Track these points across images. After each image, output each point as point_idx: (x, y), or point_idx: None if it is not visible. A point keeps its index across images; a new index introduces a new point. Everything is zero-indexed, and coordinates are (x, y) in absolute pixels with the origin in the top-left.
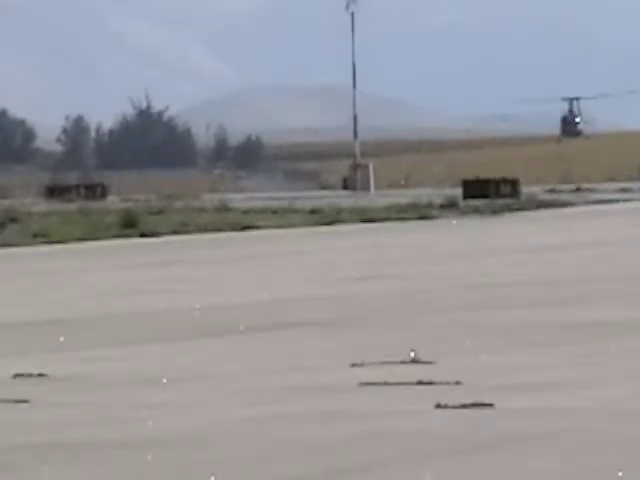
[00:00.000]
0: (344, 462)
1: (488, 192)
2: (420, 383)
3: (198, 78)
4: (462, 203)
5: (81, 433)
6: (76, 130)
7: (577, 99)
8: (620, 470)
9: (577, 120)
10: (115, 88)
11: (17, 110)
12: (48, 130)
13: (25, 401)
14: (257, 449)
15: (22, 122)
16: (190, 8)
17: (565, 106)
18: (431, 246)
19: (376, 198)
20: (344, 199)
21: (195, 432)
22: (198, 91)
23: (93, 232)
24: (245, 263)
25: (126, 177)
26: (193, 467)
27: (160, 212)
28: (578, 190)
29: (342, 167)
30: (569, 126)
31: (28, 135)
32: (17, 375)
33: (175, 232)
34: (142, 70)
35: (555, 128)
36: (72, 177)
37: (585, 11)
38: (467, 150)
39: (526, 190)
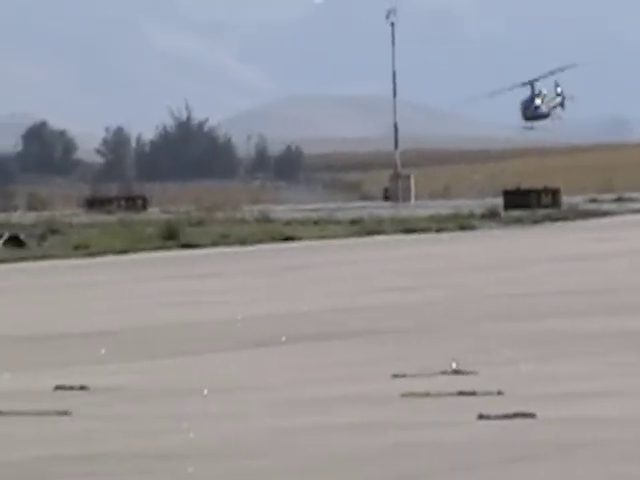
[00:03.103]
0: (386, 473)
1: (529, 202)
2: (462, 394)
3: (238, 88)
4: (503, 213)
5: (122, 445)
6: (116, 141)
7: (535, 80)
8: None
9: (537, 103)
10: (155, 99)
11: (57, 122)
12: (88, 141)
13: (66, 413)
14: (299, 460)
15: (62, 134)
16: (229, 18)
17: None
18: (472, 256)
19: (417, 209)
20: (385, 210)
21: (237, 443)
22: (238, 101)
23: (134, 244)
24: (286, 274)
25: (166, 188)
26: (235, 478)
27: (200, 223)
28: (619, 199)
29: (383, 177)
30: (528, 110)
31: (68, 147)
32: (59, 387)
33: (216, 243)
34: (182, 81)
35: (598, 137)
36: (112, 189)
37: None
38: (508, 159)
39: (567, 200)
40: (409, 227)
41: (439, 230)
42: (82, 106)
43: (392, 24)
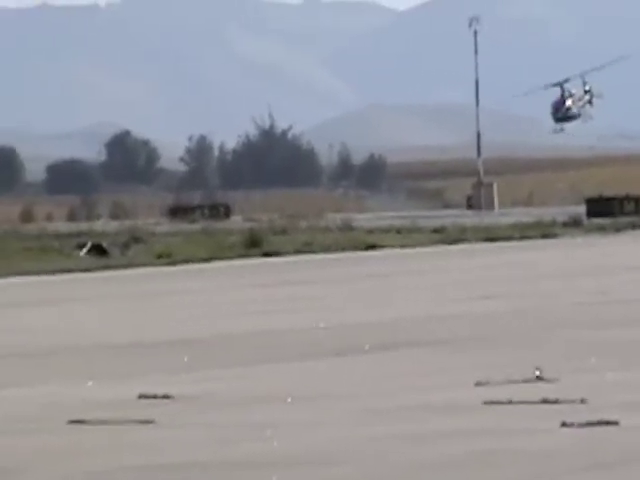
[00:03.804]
0: None
1: (612, 210)
2: (545, 401)
3: (321, 97)
4: (586, 221)
5: (206, 453)
6: (199, 150)
7: (566, 81)
8: None
9: (567, 104)
10: (239, 108)
11: (141, 131)
12: (172, 150)
13: (150, 422)
14: (383, 468)
15: (146, 143)
16: (312, 27)
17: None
18: (555, 264)
19: (500, 217)
20: (468, 218)
21: (320, 451)
22: (321, 110)
23: (217, 252)
24: (369, 282)
25: (250, 197)
26: None
27: (284, 232)
28: None
29: (465, 185)
30: (558, 112)
31: (152, 155)
32: (142, 396)
33: (299, 251)
34: (265, 90)
35: None
36: (195, 197)
37: None
38: (591, 168)
39: None
40: (492, 235)
41: (522, 238)
42: (166, 115)
43: (475, 32)
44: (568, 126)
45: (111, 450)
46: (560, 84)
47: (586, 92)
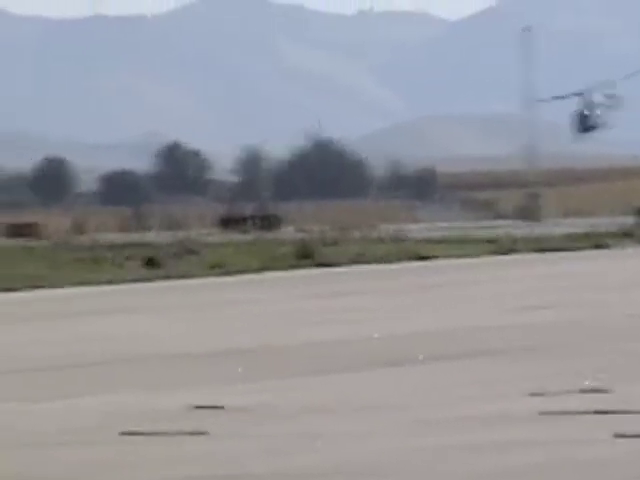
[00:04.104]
0: None
1: None
2: (598, 412)
3: (372, 107)
4: (637, 232)
5: (259, 465)
6: (251, 161)
7: (587, 91)
8: None
9: (586, 113)
10: (289, 118)
11: (192, 141)
12: (223, 161)
13: (203, 433)
14: (432, 479)
15: (196, 153)
16: (363, 38)
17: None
18: (606, 275)
19: (551, 227)
20: (520, 228)
21: (370, 462)
22: (372, 121)
23: (269, 263)
24: (422, 293)
25: (301, 207)
26: None
27: (335, 243)
28: None
29: (517, 196)
30: (581, 123)
31: (203, 166)
32: (195, 407)
33: (351, 262)
34: (316, 100)
35: None
36: (247, 208)
37: None
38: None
39: None
40: (543, 246)
41: (573, 249)
42: (216, 125)
43: (528, 43)
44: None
45: (163, 462)
46: (581, 94)
47: (609, 98)
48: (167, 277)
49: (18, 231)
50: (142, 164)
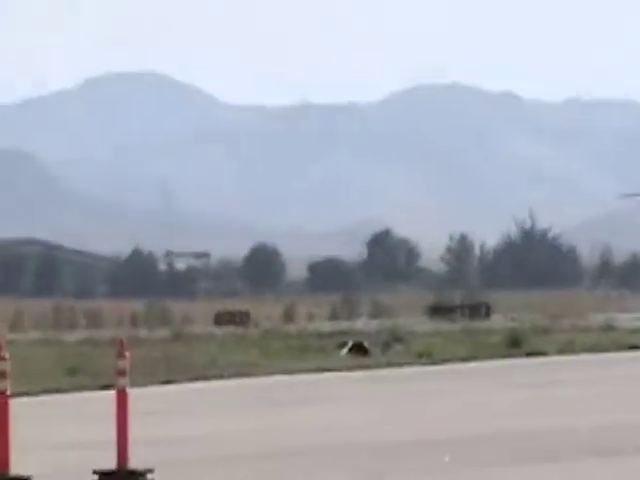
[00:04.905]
0: None
1: None
2: None
3: (583, 195)
4: None
5: None
6: (460, 249)
7: None
8: None
9: None
10: (501, 205)
11: (402, 229)
12: (432, 248)
13: None
14: None
15: (406, 241)
16: (576, 124)
17: None
18: None
19: None
20: None
21: None
22: (583, 209)
23: (477, 351)
24: (631, 384)
25: (510, 296)
26: None
27: (546, 331)
28: None
29: None
30: None
31: (412, 254)
32: None
33: (561, 351)
34: (527, 187)
35: None
36: (456, 296)
37: None
38: None
39: None
40: None
41: None
42: (428, 212)
43: None
44: None
45: None
46: None
47: None
48: (375, 366)
49: (230, 319)
50: (353, 252)
